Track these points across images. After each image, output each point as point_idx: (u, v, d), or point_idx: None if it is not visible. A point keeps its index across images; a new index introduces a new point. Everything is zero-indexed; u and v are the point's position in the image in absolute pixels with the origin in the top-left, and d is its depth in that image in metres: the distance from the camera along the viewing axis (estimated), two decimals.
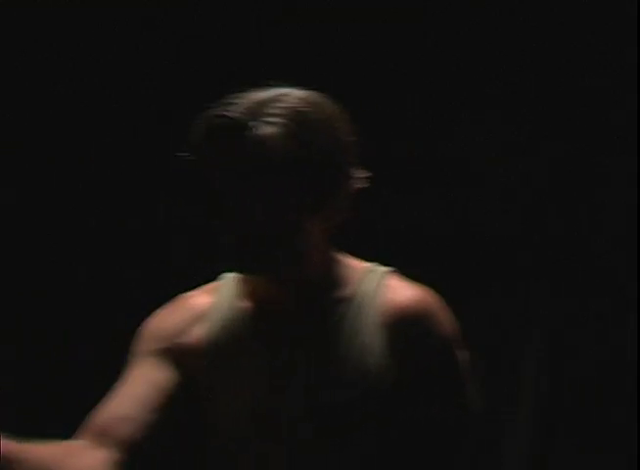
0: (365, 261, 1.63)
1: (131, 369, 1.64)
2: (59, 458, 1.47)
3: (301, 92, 1.56)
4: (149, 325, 1.68)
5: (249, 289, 1.63)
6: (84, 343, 3.12)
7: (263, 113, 1.50)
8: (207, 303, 1.67)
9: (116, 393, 1.59)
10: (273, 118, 1.49)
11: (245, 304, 1.63)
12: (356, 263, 1.63)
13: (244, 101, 1.53)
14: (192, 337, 1.62)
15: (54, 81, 3.11)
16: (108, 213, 3.14)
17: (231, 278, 1.67)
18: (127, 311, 3.13)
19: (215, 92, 3.40)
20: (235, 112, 1.52)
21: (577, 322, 2.97)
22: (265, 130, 1.49)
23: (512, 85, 3.00)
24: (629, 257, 2.95)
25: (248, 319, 1.61)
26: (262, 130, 1.49)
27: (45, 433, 3.24)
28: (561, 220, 3.01)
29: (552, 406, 3.00)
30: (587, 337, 2.95)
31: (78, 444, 1.52)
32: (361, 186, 1.56)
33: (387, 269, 1.62)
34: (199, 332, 1.62)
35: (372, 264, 1.63)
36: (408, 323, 1.55)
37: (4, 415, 3.07)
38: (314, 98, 1.56)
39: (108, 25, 3.10)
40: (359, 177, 1.56)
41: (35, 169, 3.13)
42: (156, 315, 1.69)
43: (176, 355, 1.60)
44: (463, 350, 1.55)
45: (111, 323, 3.14)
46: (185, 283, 3.30)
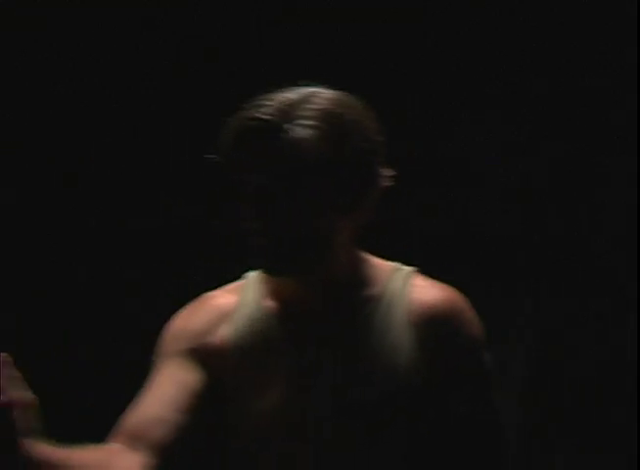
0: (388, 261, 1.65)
1: (159, 370, 1.62)
2: (101, 463, 1.46)
3: (329, 92, 1.57)
4: (174, 325, 1.68)
5: (274, 288, 1.62)
6: (84, 343, 3.12)
7: (296, 115, 1.50)
8: (232, 302, 1.66)
9: (146, 395, 1.58)
10: (307, 121, 1.50)
11: (270, 303, 1.62)
12: (381, 263, 1.64)
13: (273, 103, 1.52)
14: (217, 337, 1.62)
15: (54, 81, 3.11)
16: (108, 213, 3.14)
17: (254, 278, 1.66)
18: (127, 312, 3.14)
19: (215, 92, 3.42)
20: (267, 114, 1.51)
21: (577, 322, 2.97)
22: (300, 133, 1.49)
23: (512, 85, 3.00)
24: (629, 257, 2.95)
25: (274, 319, 1.61)
26: (297, 133, 1.49)
27: (47, 432, 3.23)
28: (561, 220, 3.01)
29: (552, 406, 3.00)
30: (587, 337, 2.95)
31: (115, 447, 1.50)
32: (388, 185, 1.57)
33: (411, 269, 1.63)
34: (224, 332, 1.62)
35: (396, 264, 1.64)
36: (437, 322, 1.57)
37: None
38: (343, 98, 1.57)
39: (108, 25, 3.10)
40: (386, 176, 1.57)
41: (35, 169, 3.13)
42: (180, 315, 1.69)
43: (202, 356, 1.59)
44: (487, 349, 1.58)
45: (111, 323, 3.14)
46: (185, 283, 3.31)
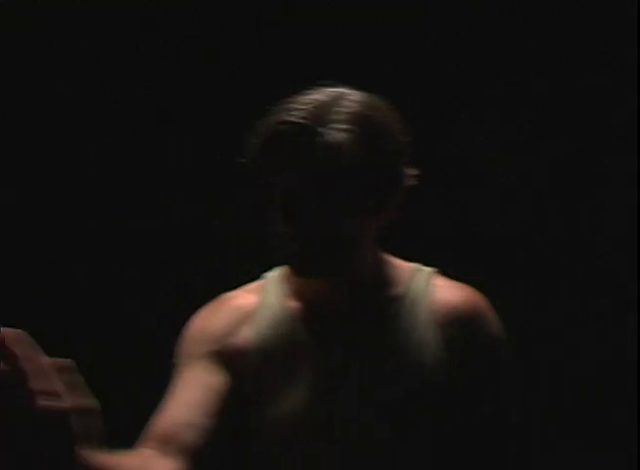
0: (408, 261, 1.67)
1: (182, 373, 1.61)
2: (138, 469, 1.44)
3: (355, 93, 1.57)
4: (194, 326, 1.66)
5: (297, 289, 1.63)
6: (84, 343, 3.12)
7: (330, 118, 1.50)
8: (253, 302, 1.65)
9: (172, 399, 1.57)
10: (340, 124, 1.50)
11: (294, 304, 1.63)
12: (402, 263, 1.66)
13: (304, 105, 1.52)
14: (240, 338, 1.61)
15: (54, 81, 3.11)
16: (108, 213, 3.14)
17: (275, 277, 1.67)
18: (127, 311, 3.14)
19: (215, 92, 3.42)
20: (299, 117, 1.50)
21: (577, 322, 2.97)
22: (335, 136, 1.49)
23: (512, 85, 3.00)
24: (629, 257, 2.95)
25: (299, 320, 1.61)
26: (332, 136, 1.49)
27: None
28: (561, 220, 3.01)
29: (552, 406, 3.00)
30: (587, 337, 2.95)
31: (148, 453, 1.49)
32: (412, 184, 1.58)
33: (431, 269, 1.65)
34: (247, 333, 1.62)
35: (416, 264, 1.66)
36: (462, 322, 1.59)
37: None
38: (371, 100, 1.58)
39: (108, 25, 3.10)
40: (410, 175, 1.58)
41: (35, 169, 3.13)
42: (200, 316, 1.67)
43: (226, 358, 1.59)
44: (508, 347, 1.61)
45: (111, 323, 3.14)
46: (185, 283, 3.31)
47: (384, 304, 1.61)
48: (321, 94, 1.55)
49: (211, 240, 3.12)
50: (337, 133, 1.49)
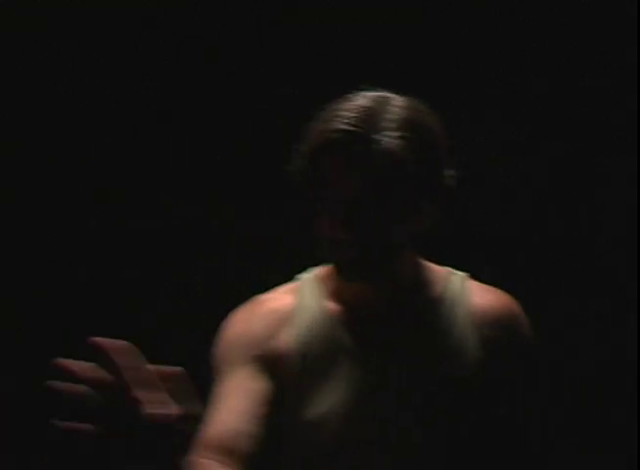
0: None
1: (227, 380, 1.59)
2: None
3: (399, 98, 1.58)
4: (233, 331, 1.64)
5: (335, 291, 1.63)
6: (84, 343, 3.12)
7: (382, 125, 1.51)
8: (289, 304, 1.65)
9: (223, 407, 1.55)
10: (393, 132, 1.50)
11: (333, 306, 1.63)
12: (436, 266, 1.68)
13: (352, 113, 1.52)
14: (281, 342, 1.60)
15: (54, 81, 3.11)
16: (108, 213, 3.14)
17: (310, 279, 1.67)
18: (127, 311, 3.14)
19: (215, 92, 3.41)
20: (351, 125, 1.50)
21: (577, 322, 2.97)
22: (390, 143, 1.49)
23: (512, 85, 3.00)
24: (629, 257, 2.95)
25: (338, 322, 1.61)
26: (386, 143, 1.49)
27: (46, 432, 3.22)
28: (561, 220, 3.00)
29: (552, 406, 3.00)
30: (587, 337, 2.94)
31: (207, 463, 1.47)
32: (452, 185, 1.59)
33: (464, 274, 1.68)
34: (287, 336, 1.61)
35: (449, 268, 1.69)
36: (499, 325, 1.62)
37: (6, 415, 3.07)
38: (415, 104, 1.59)
39: (108, 25, 3.10)
40: (451, 176, 1.59)
41: (35, 169, 3.13)
42: (235, 320, 1.66)
43: (268, 362, 1.58)
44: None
45: (111, 323, 3.14)
46: (185, 283, 3.31)
47: (422, 306, 1.62)
48: (366, 99, 1.56)
49: (211, 240, 3.12)
50: (391, 140, 1.50)
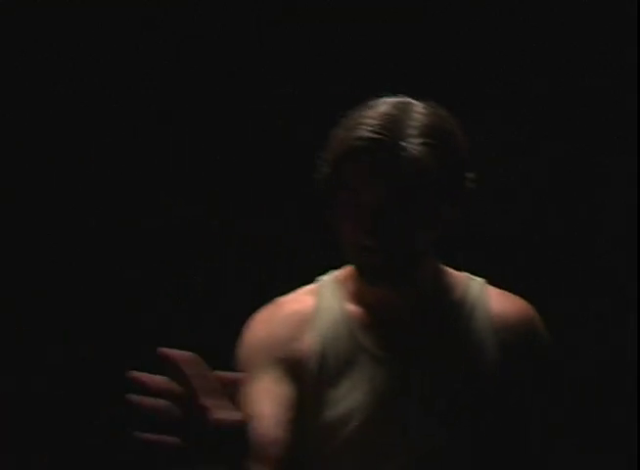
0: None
1: (254, 384, 1.58)
2: None
3: (419, 104, 1.59)
4: (256, 334, 1.65)
5: (356, 293, 1.64)
6: (84, 343, 3.12)
7: (405, 132, 1.51)
8: (311, 306, 1.65)
9: (255, 413, 1.53)
10: (417, 138, 1.51)
11: (354, 308, 1.64)
12: (455, 272, 1.69)
13: (375, 120, 1.52)
14: (302, 344, 1.61)
15: (54, 81, 3.11)
16: (108, 213, 3.14)
17: (330, 281, 1.68)
18: (127, 311, 3.14)
19: (215, 92, 3.40)
20: (375, 132, 1.50)
21: (577, 322, 2.97)
22: (413, 150, 1.50)
23: (512, 85, 3.00)
24: (629, 257, 2.95)
25: (359, 325, 1.62)
26: (412, 150, 1.50)
27: (46, 432, 3.23)
28: (561, 220, 3.00)
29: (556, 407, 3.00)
30: (587, 337, 2.94)
31: None
32: (473, 188, 1.61)
33: (482, 279, 1.69)
34: (308, 338, 1.61)
35: (467, 274, 1.70)
36: (518, 329, 1.64)
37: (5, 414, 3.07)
38: (436, 110, 1.59)
39: (108, 25, 3.10)
40: (471, 179, 1.61)
41: (35, 169, 3.13)
42: (259, 322, 1.67)
43: (291, 365, 1.59)
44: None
45: (111, 323, 3.14)
46: (185, 283, 3.31)
47: (443, 311, 1.63)
48: (387, 106, 1.56)
49: (211, 240, 3.12)
50: (415, 147, 1.50)
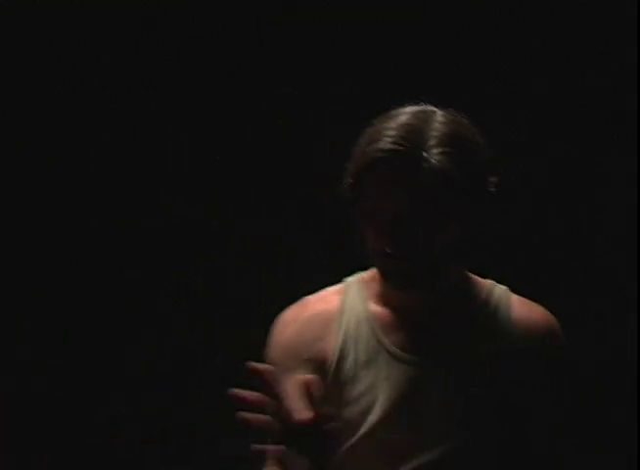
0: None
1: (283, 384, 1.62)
2: None
3: (440, 113, 1.60)
4: (283, 334, 1.69)
5: (381, 295, 1.67)
6: (84, 343, 3.12)
7: (426, 142, 1.52)
8: (336, 306, 1.69)
9: None
10: (437, 148, 1.52)
11: (378, 309, 1.67)
12: (479, 278, 1.72)
13: (397, 131, 1.53)
14: (327, 343, 1.65)
15: (54, 81, 3.11)
16: (108, 213, 3.14)
17: (356, 282, 1.71)
18: (127, 311, 3.13)
19: (215, 92, 3.40)
20: (397, 143, 1.52)
21: (577, 322, 2.97)
22: (434, 160, 1.51)
23: (512, 85, 3.00)
24: (629, 257, 2.95)
25: (380, 325, 1.65)
26: (432, 161, 1.51)
27: (45, 432, 3.23)
28: (561, 220, 3.00)
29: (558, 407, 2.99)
30: (587, 337, 2.94)
31: None
32: (496, 193, 1.62)
33: (505, 287, 1.73)
34: (332, 337, 1.65)
35: (491, 281, 1.73)
36: (538, 337, 1.67)
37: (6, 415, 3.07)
38: (456, 118, 1.60)
39: (108, 25, 3.10)
40: (495, 183, 1.62)
41: (35, 169, 3.13)
42: (285, 322, 1.70)
43: (317, 364, 1.62)
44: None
45: (111, 323, 3.14)
46: (185, 283, 3.30)
47: (464, 315, 1.66)
48: (408, 116, 1.57)
49: (211, 240, 3.12)
50: (435, 156, 1.51)
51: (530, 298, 1.78)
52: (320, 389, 1.27)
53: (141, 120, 3.13)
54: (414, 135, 1.53)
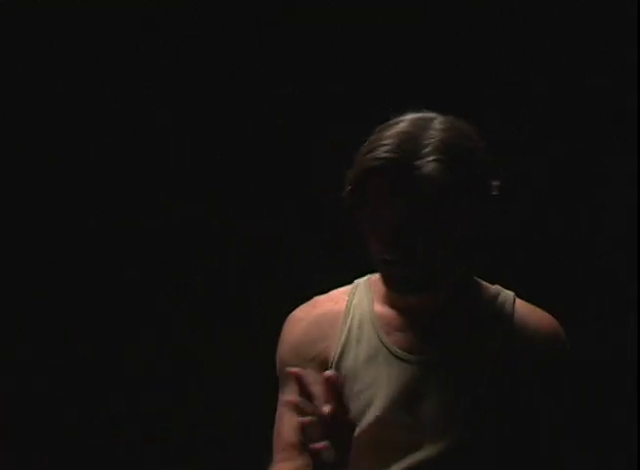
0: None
1: (290, 384, 1.64)
2: None
3: (438, 119, 1.61)
4: (291, 334, 1.72)
5: (386, 297, 1.69)
6: (84, 343, 3.12)
7: (419, 151, 1.53)
8: (342, 306, 1.72)
9: (288, 412, 1.64)
10: (430, 156, 1.53)
11: (381, 309, 1.69)
12: (484, 283, 1.73)
13: (392, 139, 1.55)
14: (331, 342, 1.68)
15: (54, 81, 3.11)
16: (108, 213, 3.14)
17: (364, 283, 1.74)
18: (127, 311, 3.13)
19: (215, 92, 3.40)
20: (390, 152, 1.54)
21: (577, 322, 2.97)
22: (427, 168, 1.52)
23: (512, 85, 3.00)
24: (629, 257, 2.95)
25: (383, 326, 1.67)
26: (424, 169, 1.52)
27: (45, 432, 3.23)
28: (561, 220, 3.00)
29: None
30: (587, 337, 2.94)
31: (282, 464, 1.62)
32: (498, 195, 1.64)
33: (512, 292, 1.74)
34: (335, 337, 1.68)
35: (497, 286, 1.74)
36: (542, 342, 1.68)
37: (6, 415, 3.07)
38: (454, 123, 1.61)
39: (108, 25, 3.10)
40: (497, 187, 1.64)
41: (35, 169, 3.13)
42: (294, 322, 1.74)
43: (322, 363, 1.65)
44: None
45: (111, 323, 3.14)
46: (185, 283, 3.30)
47: (468, 318, 1.67)
48: (406, 124, 1.58)
49: (211, 240, 3.12)
50: (429, 165, 1.52)
51: (531, 298, 1.78)
52: (332, 386, 1.36)
53: (141, 120, 3.13)
54: (409, 143, 1.54)
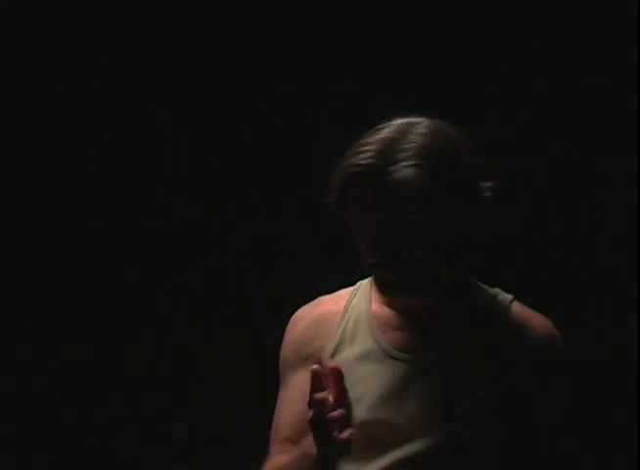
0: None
1: (288, 381, 1.73)
2: None
3: (424, 123, 1.62)
4: (292, 331, 1.76)
5: (385, 298, 1.70)
6: (84, 343, 3.12)
7: (396, 156, 1.55)
8: (342, 306, 1.74)
9: (288, 405, 1.70)
10: (407, 161, 1.54)
11: (378, 310, 1.71)
12: (482, 285, 1.74)
13: (371, 146, 1.57)
14: (327, 341, 1.71)
15: (54, 81, 3.11)
16: (108, 213, 3.14)
17: (365, 283, 1.77)
18: (127, 311, 3.13)
19: (215, 92, 3.40)
20: (368, 158, 1.56)
21: (577, 322, 2.97)
22: (403, 173, 1.54)
23: (512, 85, 3.00)
24: (629, 257, 2.94)
25: (378, 324, 1.69)
26: (400, 174, 1.54)
27: (45, 432, 3.23)
28: (561, 220, 3.00)
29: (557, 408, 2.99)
30: (587, 337, 2.94)
31: (277, 456, 1.67)
32: (489, 196, 1.64)
33: (510, 295, 1.75)
34: (332, 336, 1.71)
35: (496, 289, 1.75)
36: (538, 344, 1.69)
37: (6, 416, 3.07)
38: (437, 127, 1.62)
39: (108, 25, 3.10)
40: (487, 188, 1.63)
41: (35, 169, 3.13)
42: (296, 322, 1.77)
43: (316, 361, 1.65)
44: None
45: (111, 323, 3.14)
46: (185, 283, 3.30)
47: (464, 319, 1.68)
48: (389, 130, 1.60)
49: (211, 240, 3.12)
50: (405, 170, 1.54)
51: (531, 298, 1.78)
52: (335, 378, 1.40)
53: (141, 120, 3.13)
54: (388, 149, 1.56)
